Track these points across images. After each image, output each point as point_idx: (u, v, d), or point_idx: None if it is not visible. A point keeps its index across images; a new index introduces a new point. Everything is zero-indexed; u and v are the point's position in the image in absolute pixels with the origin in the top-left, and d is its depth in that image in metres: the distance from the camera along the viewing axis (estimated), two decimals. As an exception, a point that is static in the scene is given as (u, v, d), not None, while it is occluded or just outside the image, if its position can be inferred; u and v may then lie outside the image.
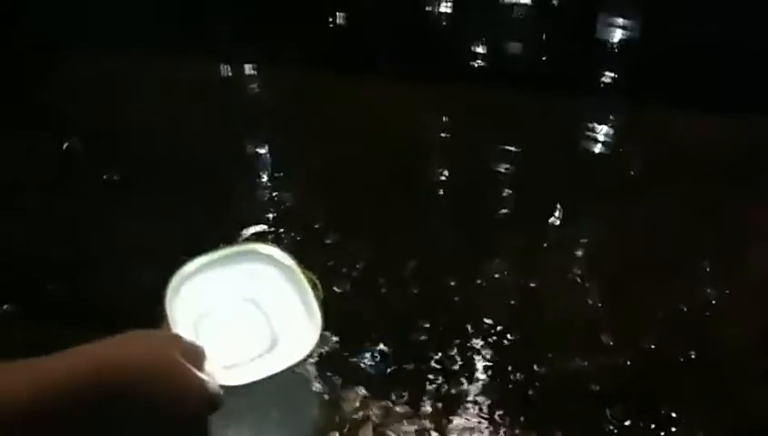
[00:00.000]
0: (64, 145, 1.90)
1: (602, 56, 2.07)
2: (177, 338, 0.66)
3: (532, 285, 1.46)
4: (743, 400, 1.28)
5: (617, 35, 2.12)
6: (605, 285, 1.46)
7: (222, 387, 0.66)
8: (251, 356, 0.72)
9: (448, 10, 2.26)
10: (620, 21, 2.14)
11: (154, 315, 0.70)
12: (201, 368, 0.64)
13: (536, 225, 1.60)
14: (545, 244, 1.55)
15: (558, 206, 1.62)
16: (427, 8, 2.27)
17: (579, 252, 1.54)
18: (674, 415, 1.24)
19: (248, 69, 2.04)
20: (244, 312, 0.76)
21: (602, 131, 1.83)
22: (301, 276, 0.74)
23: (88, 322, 1.26)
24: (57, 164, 1.80)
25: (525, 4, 2.26)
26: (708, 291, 1.46)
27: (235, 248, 0.75)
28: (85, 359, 0.58)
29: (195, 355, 0.65)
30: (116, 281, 1.43)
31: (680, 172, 1.73)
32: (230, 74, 2.04)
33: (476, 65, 2.07)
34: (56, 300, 1.40)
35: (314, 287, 0.73)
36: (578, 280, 1.48)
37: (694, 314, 1.41)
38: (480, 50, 2.11)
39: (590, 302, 1.44)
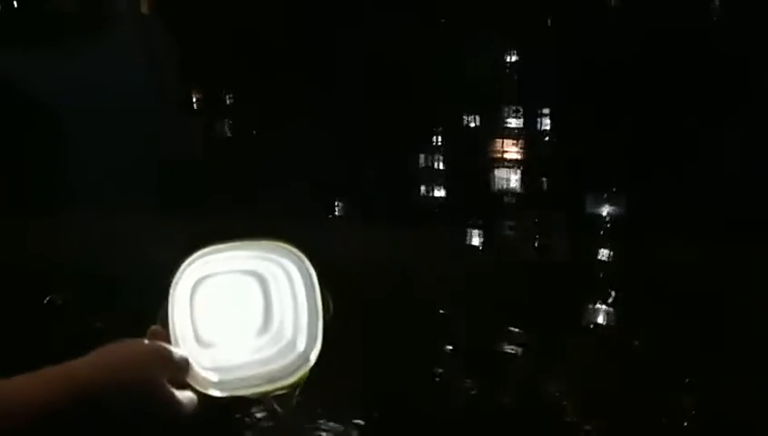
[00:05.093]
0: (46, 300, 1.90)
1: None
2: (161, 350, 0.60)
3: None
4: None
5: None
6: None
7: (207, 397, 0.61)
8: (239, 335, 0.67)
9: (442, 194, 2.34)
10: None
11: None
12: (183, 381, 0.60)
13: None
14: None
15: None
16: (421, 193, 2.34)
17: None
18: None
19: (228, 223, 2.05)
20: (245, 286, 0.71)
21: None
22: (317, 290, 0.69)
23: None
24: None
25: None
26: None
27: (264, 241, 0.71)
28: (60, 378, 0.55)
29: (179, 368, 0.60)
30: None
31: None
32: (212, 228, 2.06)
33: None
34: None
35: (326, 308, 0.67)
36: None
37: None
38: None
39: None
